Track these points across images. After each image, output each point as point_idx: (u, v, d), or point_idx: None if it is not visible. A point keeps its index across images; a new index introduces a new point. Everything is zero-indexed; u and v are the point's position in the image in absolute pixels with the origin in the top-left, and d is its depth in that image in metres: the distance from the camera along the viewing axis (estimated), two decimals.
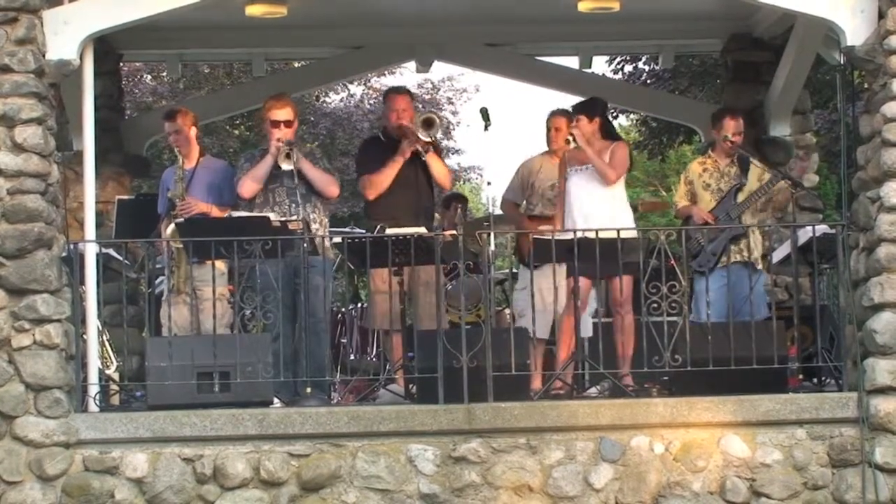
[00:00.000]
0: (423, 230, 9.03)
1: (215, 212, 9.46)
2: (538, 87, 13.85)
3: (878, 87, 8.57)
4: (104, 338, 9.54)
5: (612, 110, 21.01)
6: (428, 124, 9.65)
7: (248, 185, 9.44)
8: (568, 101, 13.08)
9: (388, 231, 9.23)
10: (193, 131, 9.82)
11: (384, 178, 9.67)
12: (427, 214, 9.81)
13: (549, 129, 10.26)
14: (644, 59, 19.59)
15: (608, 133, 9.52)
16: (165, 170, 10.28)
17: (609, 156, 9.33)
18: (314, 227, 9.35)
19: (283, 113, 9.49)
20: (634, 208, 13.22)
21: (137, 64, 19.23)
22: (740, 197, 9.88)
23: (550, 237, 8.90)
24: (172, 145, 9.92)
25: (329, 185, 9.50)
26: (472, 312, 10.88)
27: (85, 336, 8.71)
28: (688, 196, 10.02)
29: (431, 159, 9.71)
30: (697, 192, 9.97)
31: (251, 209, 9.38)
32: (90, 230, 8.87)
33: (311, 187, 9.44)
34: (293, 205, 9.31)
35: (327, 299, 9.41)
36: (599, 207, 9.24)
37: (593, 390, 9.12)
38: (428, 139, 9.62)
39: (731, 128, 9.93)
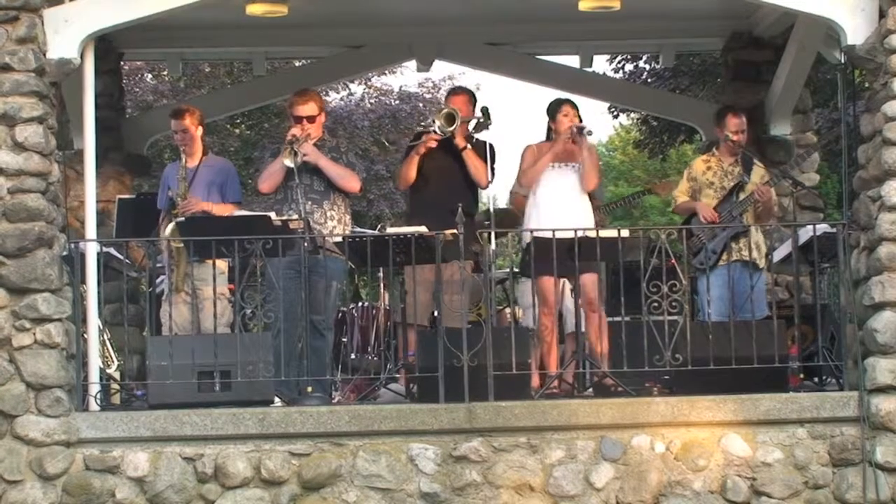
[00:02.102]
0: (423, 229, 9.00)
1: (216, 210, 9.45)
2: (539, 86, 13.84)
3: (879, 85, 8.56)
4: (105, 337, 9.55)
5: (613, 109, 21.10)
6: (448, 120, 9.71)
7: (264, 182, 9.50)
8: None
9: (390, 230, 9.22)
10: (200, 131, 9.81)
11: (406, 169, 9.84)
12: (465, 212, 9.70)
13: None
14: (645, 57, 19.61)
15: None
16: (167, 166, 10.27)
17: (590, 157, 9.58)
18: (331, 224, 9.35)
19: (306, 108, 9.48)
20: (649, 191, 13.20)
21: (138, 63, 19.26)
22: (741, 196, 9.89)
23: (551, 237, 8.89)
24: (177, 143, 9.90)
25: (348, 180, 9.46)
26: (473, 312, 10.87)
27: (86, 335, 8.71)
28: (689, 192, 10.03)
29: (468, 156, 9.76)
30: (700, 189, 9.98)
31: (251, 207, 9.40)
32: (91, 229, 8.87)
33: (331, 183, 9.43)
34: (309, 202, 9.29)
35: (329, 298, 9.38)
36: (570, 209, 9.36)
37: (592, 390, 9.13)
38: (440, 133, 9.65)
39: (733, 125, 9.95)
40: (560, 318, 9.69)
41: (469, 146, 9.80)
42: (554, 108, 9.75)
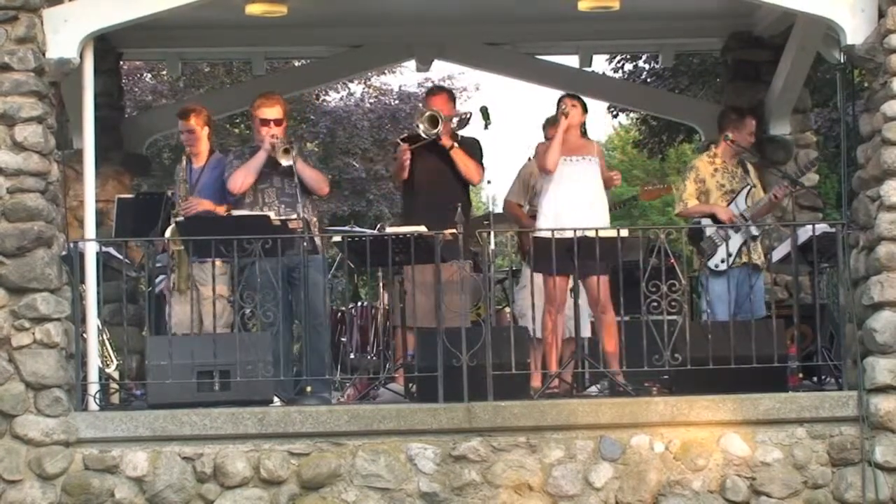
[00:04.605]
0: (423, 229, 9.00)
1: (220, 209, 9.42)
2: (538, 85, 13.85)
3: (878, 85, 8.57)
4: (104, 336, 9.54)
5: (612, 109, 21.10)
6: (432, 122, 9.68)
7: (241, 180, 9.35)
8: None
9: (389, 230, 9.22)
10: (206, 131, 9.76)
11: (397, 173, 9.90)
12: (460, 211, 9.68)
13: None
14: (644, 57, 19.59)
15: (585, 132, 9.64)
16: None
17: (599, 157, 9.46)
18: None
19: (272, 111, 9.46)
20: (635, 199, 13.20)
21: (137, 62, 19.24)
22: (749, 200, 9.85)
23: (550, 237, 8.88)
24: (183, 143, 9.86)
25: (321, 183, 9.49)
26: (472, 311, 10.87)
27: (85, 335, 8.71)
28: (697, 195, 9.89)
29: (456, 155, 9.73)
30: (708, 192, 9.89)
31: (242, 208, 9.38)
32: (90, 229, 8.88)
33: (302, 186, 9.41)
34: (282, 205, 9.29)
35: (326, 297, 9.37)
36: (583, 204, 9.27)
37: (593, 389, 9.13)
38: (425, 136, 9.63)
39: (753, 127, 10.01)
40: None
41: (456, 145, 9.77)
42: (559, 103, 9.74)
